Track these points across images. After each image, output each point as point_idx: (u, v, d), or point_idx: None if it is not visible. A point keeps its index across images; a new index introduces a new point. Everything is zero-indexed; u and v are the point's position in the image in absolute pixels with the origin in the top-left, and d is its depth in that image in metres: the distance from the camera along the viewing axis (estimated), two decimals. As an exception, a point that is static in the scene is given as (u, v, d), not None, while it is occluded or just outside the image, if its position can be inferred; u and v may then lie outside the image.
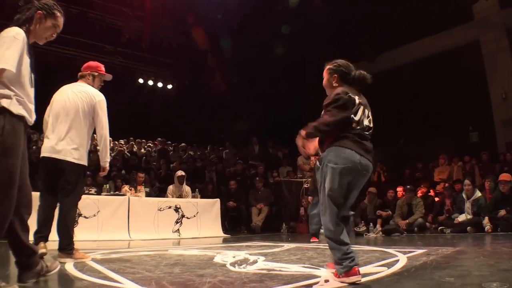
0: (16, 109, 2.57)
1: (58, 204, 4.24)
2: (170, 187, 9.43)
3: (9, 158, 2.51)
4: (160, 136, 15.43)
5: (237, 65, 15.16)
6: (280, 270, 3.48)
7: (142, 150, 14.95)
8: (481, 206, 8.16)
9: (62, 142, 4.11)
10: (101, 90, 4.57)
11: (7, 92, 2.55)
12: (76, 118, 4.17)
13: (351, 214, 3.24)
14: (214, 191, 11.27)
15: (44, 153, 4.17)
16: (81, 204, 7.29)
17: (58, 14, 2.93)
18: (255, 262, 4.07)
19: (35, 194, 3.38)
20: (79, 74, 4.53)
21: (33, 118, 2.77)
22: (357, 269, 2.84)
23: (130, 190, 8.59)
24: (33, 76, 2.79)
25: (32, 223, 3.01)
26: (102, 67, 4.63)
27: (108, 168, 4.58)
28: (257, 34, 13.62)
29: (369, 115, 3.13)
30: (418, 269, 3.43)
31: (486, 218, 7.86)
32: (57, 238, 4.18)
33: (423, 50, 13.75)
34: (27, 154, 2.85)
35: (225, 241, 7.95)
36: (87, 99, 4.26)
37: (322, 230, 6.30)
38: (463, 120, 12.99)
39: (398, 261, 3.89)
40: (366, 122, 3.09)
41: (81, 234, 6.81)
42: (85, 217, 7.40)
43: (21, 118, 2.61)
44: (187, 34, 15.11)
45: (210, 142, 16.42)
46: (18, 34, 2.61)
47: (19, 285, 2.80)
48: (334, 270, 3.01)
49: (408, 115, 14.20)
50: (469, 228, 7.96)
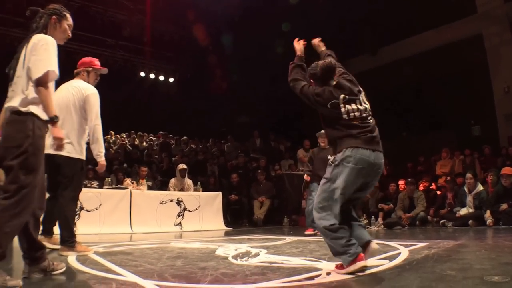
0: (42, 114, 2.76)
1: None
2: (172, 180, 9.44)
3: (37, 158, 2.71)
4: (161, 129, 15.44)
5: (238, 58, 15.11)
6: (282, 263, 3.49)
7: (144, 144, 14.97)
8: (483, 199, 8.14)
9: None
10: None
11: (36, 98, 2.73)
12: (67, 113, 4.21)
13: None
14: (216, 184, 11.29)
15: None
16: (83, 197, 7.36)
17: (67, 14, 3.13)
18: (257, 255, 4.08)
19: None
20: (75, 71, 4.53)
21: None
22: (362, 255, 2.88)
23: (132, 183, 8.61)
24: None
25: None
26: (96, 61, 4.59)
27: (103, 162, 4.59)
28: (258, 27, 13.54)
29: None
30: (420, 262, 3.43)
31: (488, 212, 7.84)
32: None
33: (426, 44, 13.68)
34: None
35: (227, 234, 7.96)
36: (78, 94, 4.28)
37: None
38: (465, 113, 12.95)
39: (399, 254, 3.90)
40: (359, 106, 3.08)
41: (83, 227, 6.85)
42: (87, 210, 7.42)
43: (45, 122, 2.80)
44: (189, 28, 15.05)
45: (212, 135, 16.44)
46: (55, 42, 2.85)
47: (25, 278, 2.82)
48: (337, 264, 3.01)
49: (410, 109, 14.17)
50: (470, 221, 7.95)
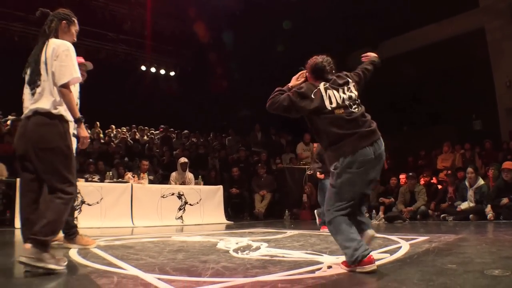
0: (67, 115, 3.01)
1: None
2: (173, 174, 9.45)
3: (72, 156, 3.03)
4: (162, 123, 15.43)
5: (240, 52, 15.07)
6: (283, 256, 3.50)
7: (145, 137, 14.98)
8: (483, 194, 8.13)
9: None
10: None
11: (62, 101, 2.96)
12: None
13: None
14: (217, 178, 11.30)
15: None
16: (84, 191, 7.40)
17: (75, 19, 3.31)
18: (258, 248, 4.10)
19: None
20: None
21: None
22: (372, 257, 2.72)
23: (133, 177, 8.62)
24: None
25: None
26: (79, 59, 4.44)
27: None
28: (260, 21, 13.50)
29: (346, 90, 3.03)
30: (421, 255, 3.44)
31: (489, 206, 7.84)
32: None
33: (427, 38, 13.63)
34: None
35: (228, 227, 7.98)
36: None
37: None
38: (467, 108, 12.92)
39: (400, 248, 3.91)
40: (341, 94, 2.99)
41: (84, 221, 6.86)
42: (88, 204, 7.45)
43: (69, 123, 3.05)
44: (190, 21, 15.00)
45: (213, 129, 16.43)
46: (73, 48, 3.04)
47: (26, 272, 2.83)
48: (343, 260, 2.88)
49: (411, 103, 14.15)
50: (471, 216, 7.96)
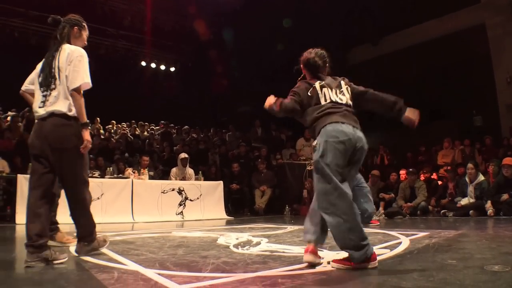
0: (81, 118, 3.18)
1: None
2: (174, 170, 9.45)
3: (86, 155, 3.26)
4: (163, 118, 15.43)
5: (240, 48, 15.05)
6: (283, 252, 3.51)
7: (145, 133, 14.97)
8: (484, 190, 8.13)
9: None
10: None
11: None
12: None
13: None
14: (217, 174, 11.30)
15: None
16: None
17: (85, 24, 3.42)
18: (258, 243, 4.10)
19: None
20: None
21: None
22: (376, 255, 2.80)
23: (134, 173, 8.62)
24: None
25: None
26: None
27: None
28: (260, 17, 13.48)
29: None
30: (421, 251, 3.45)
31: (489, 202, 7.83)
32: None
33: (428, 33, 13.58)
34: None
35: (228, 223, 7.98)
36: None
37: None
38: (467, 104, 12.89)
39: (400, 243, 3.91)
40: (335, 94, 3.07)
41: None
42: (88, 199, 7.44)
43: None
44: (190, 17, 14.98)
45: (213, 125, 16.43)
46: (86, 54, 3.19)
47: (26, 267, 2.84)
48: (343, 257, 2.86)
49: (411, 98, 14.02)
50: (471, 211, 7.95)
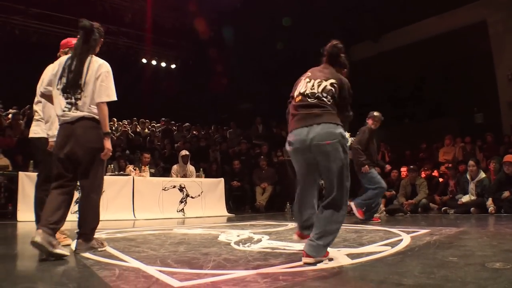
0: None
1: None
2: (175, 167, 9.45)
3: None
4: (163, 116, 15.43)
5: (241, 45, 15.03)
6: (284, 249, 3.51)
7: (146, 130, 14.98)
8: (485, 187, 8.13)
9: (33, 122, 4.15)
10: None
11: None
12: (38, 97, 4.05)
13: None
14: (218, 171, 11.31)
15: None
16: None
17: None
18: (259, 241, 4.11)
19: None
20: (57, 55, 4.23)
21: None
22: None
23: (135, 170, 8.63)
24: None
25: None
26: (74, 41, 4.08)
27: (52, 144, 3.79)
28: (261, 13, 13.46)
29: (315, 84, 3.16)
30: (422, 248, 3.45)
31: (490, 199, 7.84)
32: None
33: (428, 30, 13.55)
34: None
35: (229, 220, 7.99)
36: (43, 76, 4.04)
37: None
38: (468, 101, 12.88)
39: (401, 240, 3.91)
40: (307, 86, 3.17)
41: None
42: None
43: None
44: (190, 14, 14.94)
45: (214, 122, 16.42)
46: (111, 70, 3.54)
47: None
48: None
49: (412, 95, 14.12)
50: (472, 209, 7.95)
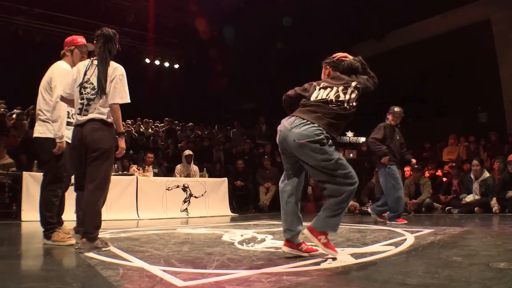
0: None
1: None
2: (178, 167, 9.46)
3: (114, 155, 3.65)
4: (167, 116, 15.45)
5: (244, 44, 15.03)
6: (287, 249, 3.50)
7: (150, 130, 14.99)
8: (489, 186, 8.10)
9: (37, 122, 4.10)
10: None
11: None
12: (40, 95, 4.04)
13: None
14: (222, 170, 11.31)
15: None
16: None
17: None
18: (263, 240, 4.11)
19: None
20: (61, 54, 4.24)
21: None
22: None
23: (138, 170, 8.64)
24: None
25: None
26: (79, 39, 4.26)
27: (60, 145, 3.87)
28: (264, 12, 13.45)
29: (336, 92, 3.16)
30: (426, 248, 3.45)
31: (494, 199, 7.81)
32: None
33: (432, 29, 13.49)
34: None
35: (233, 220, 8.00)
36: (47, 75, 4.06)
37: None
38: (472, 100, 12.83)
39: (405, 240, 3.91)
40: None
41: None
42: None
43: None
44: (193, 13, 14.95)
45: (218, 122, 16.43)
46: (125, 73, 3.79)
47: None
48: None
49: (416, 95, 14.07)
50: (476, 208, 7.93)
